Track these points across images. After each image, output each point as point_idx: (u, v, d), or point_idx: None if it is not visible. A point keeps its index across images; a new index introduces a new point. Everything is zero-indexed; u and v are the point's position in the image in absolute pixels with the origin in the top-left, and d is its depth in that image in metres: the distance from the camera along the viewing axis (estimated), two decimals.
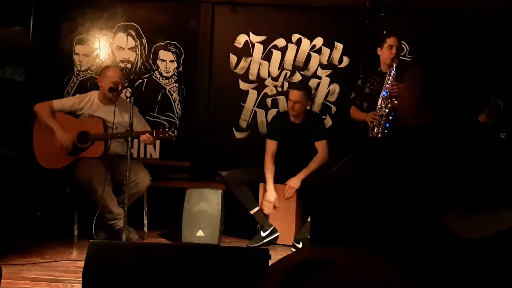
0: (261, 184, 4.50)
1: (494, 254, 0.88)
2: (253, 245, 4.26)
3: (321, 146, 4.47)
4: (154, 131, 4.11)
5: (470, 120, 1.11)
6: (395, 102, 3.97)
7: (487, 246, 0.89)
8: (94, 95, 4.36)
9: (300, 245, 4.23)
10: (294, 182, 4.33)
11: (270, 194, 4.37)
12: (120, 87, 4.24)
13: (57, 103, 4.30)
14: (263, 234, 4.32)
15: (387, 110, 3.99)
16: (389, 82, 4.03)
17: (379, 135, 3.97)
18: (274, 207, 4.39)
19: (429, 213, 0.91)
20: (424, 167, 0.98)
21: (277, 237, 4.36)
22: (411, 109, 1.17)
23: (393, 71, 4.05)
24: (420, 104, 1.15)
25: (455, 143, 1.03)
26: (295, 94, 4.44)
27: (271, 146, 4.55)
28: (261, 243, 4.30)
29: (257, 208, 4.39)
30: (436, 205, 0.93)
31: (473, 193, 0.94)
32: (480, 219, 0.91)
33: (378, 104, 4.02)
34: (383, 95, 4.04)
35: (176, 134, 4.07)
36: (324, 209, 1.04)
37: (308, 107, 4.51)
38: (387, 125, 3.97)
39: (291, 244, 4.31)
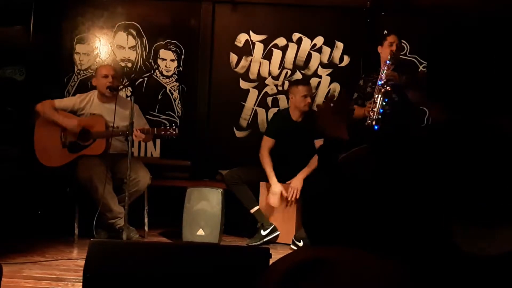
0: (261, 183, 4.50)
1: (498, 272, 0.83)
2: (253, 244, 4.26)
3: (320, 144, 4.46)
4: (155, 129, 4.11)
5: (482, 120, 1.05)
6: (388, 88, 4.00)
7: (492, 265, 0.84)
8: (94, 94, 4.37)
9: (300, 243, 4.23)
10: (297, 183, 4.32)
11: (275, 186, 4.36)
12: (117, 84, 4.25)
13: (59, 103, 4.31)
14: (263, 233, 4.33)
15: (379, 96, 4.00)
16: (384, 72, 4.05)
17: (374, 122, 3.97)
18: (282, 196, 4.36)
19: (433, 218, 0.88)
20: (432, 169, 0.94)
21: (277, 235, 4.36)
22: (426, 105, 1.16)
23: (388, 62, 4.08)
24: (427, 101, 1.13)
25: (467, 145, 0.97)
26: (306, 89, 4.47)
27: (267, 142, 4.56)
28: (262, 241, 4.30)
29: (257, 207, 4.39)
30: (441, 210, 0.89)
31: (484, 203, 0.89)
32: (491, 234, 0.86)
33: (374, 94, 4.05)
34: (378, 84, 4.06)
35: (177, 132, 4.08)
36: (324, 200, 1.02)
37: None
38: (381, 110, 3.98)
39: (290, 242, 4.31)
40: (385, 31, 4.31)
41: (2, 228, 3.95)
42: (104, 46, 5.31)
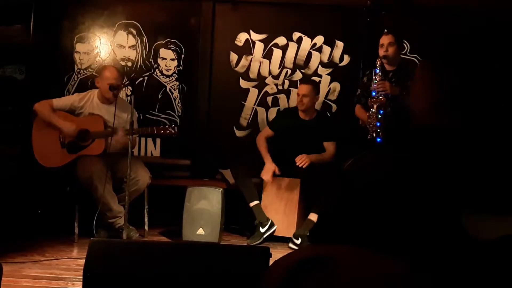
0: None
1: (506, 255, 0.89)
2: (255, 243, 4.26)
3: (331, 146, 4.53)
4: (154, 128, 4.10)
5: (487, 123, 1.14)
6: (382, 98, 4.00)
7: (502, 248, 0.90)
8: (94, 93, 4.36)
9: (298, 241, 4.24)
10: (305, 156, 4.36)
11: (268, 164, 4.43)
12: (118, 83, 4.23)
13: (57, 102, 4.29)
14: (262, 230, 4.33)
15: (373, 110, 4.00)
16: (375, 81, 4.05)
17: (374, 135, 3.98)
18: (274, 174, 4.43)
19: (447, 214, 0.93)
20: (442, 168, 0.98)
21: (275, 229, 4.35)
22: (426, 110, 1.18)
23: (377, 70, 4.07)
24: (436, 106, 1.15)
25: (473, 146, 1.04)
26: (302, 88, 4.56)
27: (266, 131, 4.68)
28: (262, 239, 4.29)
29: (257, 202, 4.40)
30: (454, 207, 0.94)
31: (491, 194, 0.96)
32: (497, 220, 0.92)
33: (369, 105, 4.05)
34: (373, 95, 4.06)
35: (176, 130, 4.07)
36: (339, 207, 1.04)
37: (316, 101, 4.58)
38: (378, 124, 3.98)
39: (291, 236, 4.31)
40: (385, 31, 4.30)
41: (2, 227, 3.95)
42: (104, 45, 5.31)
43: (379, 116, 3.99)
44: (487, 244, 0.91)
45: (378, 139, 3.97)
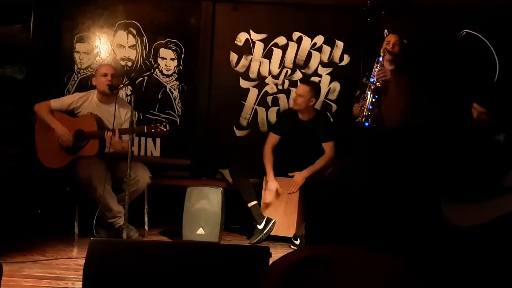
0: (265, 177, 4.53)
1: (490, 240, 0.93)
2: (256, 240, 4.27)
3: (328, 147, 4.52)
4: (144, 127, 4.07)
5: (460, 117, 1.17)
6: (378, 85, 4.01)
7: (483, 233, 0.94)
8: (94, 94, 4.35)
9: (297, 242, 4.26)
10: (299, 179, 4.38)
11: (271, 184, 4.44)
12: (117, 83, 4.22)
13: (54, 103, 4.28)
14: (259, 227, 4.34)
15: (370, 93, 4.02)
16: (376, 69, 4.06)
17: (363, 119, 3.99)
18: (277, 194, 4.44)
19: (428, 207, 0.96)
20: (420, 163, 1.03)
21: (273, 223, 4.35)
22: (400, 112, 1.20)
23: (380, 59, 4.09)
24: (410, 107, 1.18)
25: (448, 140, 1.10)
26: (300, 88, 4.57)
27: (272, 139, 4.62)
28: (262, 235, 4.30)
29: (255, 202, 4.41)
30: (434, 199, 0.98)
31: (468, 184, 1.02)
32: (476, 207, 0.97)
33: (366, 91, 4.07)
34: (371, 82, 4.07)
35: (168, 128, 4.04)
36: (321, 208, 1.06)
37: (312, 104, 4.53)
38: (370, 107, 4.00)
39: (291, 236, 4.34)
40: (385, 31, 4.31)
41: (2, 227, 3.95)
42: (104, 45, 5.31)
43: (373, 100, 4.01)
44: (469, 231, 0.95)
45: (366, 124, 3.98)
